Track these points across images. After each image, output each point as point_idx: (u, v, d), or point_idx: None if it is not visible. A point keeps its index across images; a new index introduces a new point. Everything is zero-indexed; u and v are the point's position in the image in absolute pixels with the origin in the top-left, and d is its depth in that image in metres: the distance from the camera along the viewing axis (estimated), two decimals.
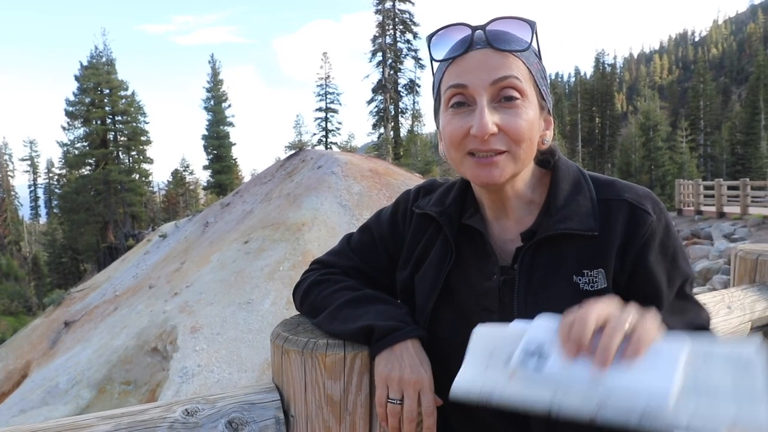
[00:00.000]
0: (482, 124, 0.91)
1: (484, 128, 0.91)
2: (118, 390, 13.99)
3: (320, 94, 45.42)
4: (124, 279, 23.03)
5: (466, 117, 0.95)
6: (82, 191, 44.70)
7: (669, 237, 1.00)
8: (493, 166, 0.95)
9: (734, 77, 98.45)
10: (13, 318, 40.54)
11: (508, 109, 0.94)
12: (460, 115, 0.96)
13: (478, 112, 0.93)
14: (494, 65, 0.94)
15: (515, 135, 0.94)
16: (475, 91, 0.94)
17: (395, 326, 0.99)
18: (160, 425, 0.90)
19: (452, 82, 0.96)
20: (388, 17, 41.31)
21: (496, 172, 0.95)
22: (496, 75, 0.93)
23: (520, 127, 0.94)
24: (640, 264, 0.97)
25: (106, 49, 46.58)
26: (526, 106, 0.95)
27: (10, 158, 69.98)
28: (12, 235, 60.59)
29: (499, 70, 0.93)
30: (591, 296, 0.95)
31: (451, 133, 0.97)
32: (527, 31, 0.97)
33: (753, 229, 16.71)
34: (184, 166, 58.54)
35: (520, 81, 0.94)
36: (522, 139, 0.94)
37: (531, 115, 0.96)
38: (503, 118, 0.93)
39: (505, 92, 0.94)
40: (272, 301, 14.71)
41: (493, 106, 0.94)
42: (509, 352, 0.76)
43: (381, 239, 1.21)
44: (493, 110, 0.93)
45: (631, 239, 0.97)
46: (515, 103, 0.94)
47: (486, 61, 0.94)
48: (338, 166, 21.22)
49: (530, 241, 1.00)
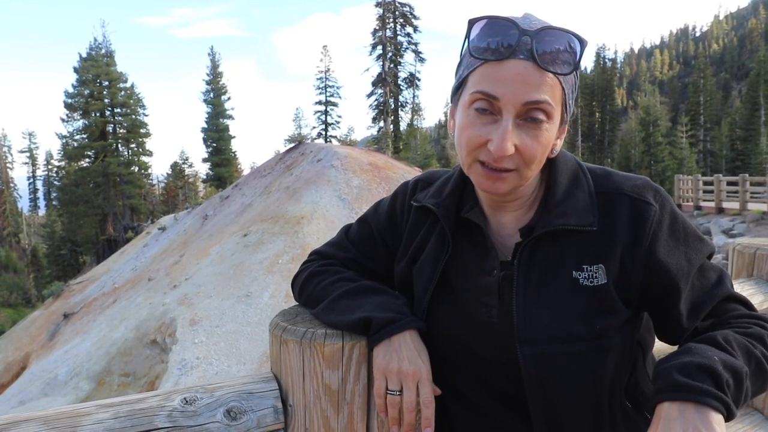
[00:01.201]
0: (503, 147, 0.88)
1: (503, 151, 0.89)
2: (117, 382, 14.02)
3: (320, 88, 45.39)
4: (123, 271, 23.03)
5: (488, 127, 0.91)
6: (81, 183, 44.63)
7: (676, 221, 0.99)
8: (499, 181, 0.94)
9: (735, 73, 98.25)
10: (13, 310, 40.56)
11: (531, 130, 0.90)
12: (481, 122, 0.92)
13: (501, 131, 0.88)
14: (532, 84, 0.88)
15: (529, 158, 0.91)
16: (505, 107, 0.89)
17: (393, 318, 0.99)
18: (159, 414, 0.91)
19: (483, 89, 0.90)
20: (389, 10, 41.18)
21: (501, 186, 0.95)
22: (530, 97, 0.88)
23: (537, 152, 0.92)
24: (652, 258, 0.97)
25: (105, 40, 46.45)
26: (549, 129, 0.92)
27: (9, 150, 69.88)
28: (11, 227, 60.54)
29: (534, 93, 0.88)
30: (590, 292, 0.96)
31: (468, 138, 0.94)
32: (576, 49, 0.91)
33: (752, 225, 16.73)
34: (183, 158, 58.43)
35: (552, 106, 0.90)
36: (534, 162, 0.93)
37: (550, 137, 0.93)
38: (523, 140, 0.90)
39: (532, 114, 0.89)
40: (271, 294, 14.72)
41: (517, 122, 0.90)
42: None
43: (379, 231, 1.21)
44: (516, 127, 0.90)
45: (639, 236, 0.97)
46: (539, 125, 0.90)
47: (525, 77, 0.88)
48: (338, 159, 21.19)
49: (529, 237, 1.00)
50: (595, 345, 0.95)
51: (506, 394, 1.02)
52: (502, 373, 1.00)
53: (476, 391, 1.04)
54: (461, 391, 1.06)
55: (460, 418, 1.09)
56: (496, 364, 1.00)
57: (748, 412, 1.81)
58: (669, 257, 0.96)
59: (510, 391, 1.01)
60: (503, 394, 1.02)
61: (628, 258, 0.96)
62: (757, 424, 1.76)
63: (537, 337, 0.95)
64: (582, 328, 0.95)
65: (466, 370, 1.05)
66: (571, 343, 0.94)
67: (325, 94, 45.35)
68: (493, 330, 1.00)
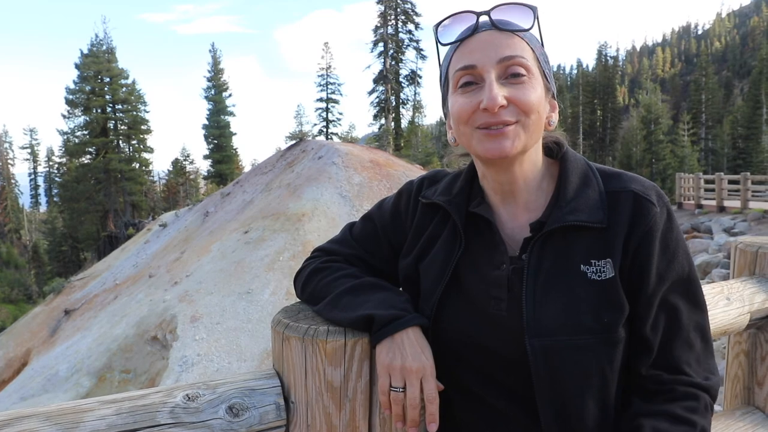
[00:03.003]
0: (492, 96, 0.94)
1: (494, 100, 0.94)
2: (118, 378, 14.05)
3: (321, 85, 45.33)
4: (124, 268, 23.06)
5: (476, 94, 0.97)
6: (83, 180, 44.68)
7: (671, 231, 1.01)
8: (503, 137, 0.96)
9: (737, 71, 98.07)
10: (14, 306, 40.65)
11: (516, 84, 0.96)
12: (468, 93, 0.98)
13: (486, 87, 0.95)
14: (501, 44, 0.97)
15: (525, 106, 0.96)
16: (483, 69, 0.96)
17: (396, 315, 0.99)
18: (161, 410, 0.91)
19: (460, 65, 0.99)
20: (390, 7, 41.12)
21: (507, 143, 0.96)
22: (503, 53, 0.96)
23: (529, 98, 0.96)
24: (639, 253, 0.99)
25: (106, 37, 46.45)
26: (533, 83, 0.98)
27: (11, 146, 69.95)
28: (12, 223, 60.62)
29: (505, 49, 0.96)
30: (599, 285, 0.97)
31: (460, 110, 0.99)
32: (529, 15, 1.00)
33: (753, 224, 16.71)
34: (184, 155, 58.45)
35: (527, 60, 0.98)
36: (531, 110, 0.97)
37: (539, 92, 0.98)
38: (512, 92, 0.96)
39: (512, 69, 0.96)
40: (272, 291, 14.74)
41: (501, 82, 0.96)
42: None
43: (383, 229, 1.21)
44: (501, 86, 0.96)
45: (635, 229, 0.99)
46: (522, 79, 0.97)
47: (492, 41, 0.97)
48: (339, 156, 21.19)
49: (539, 231, 1.01)
50: (603, 338, 0.96)
51: (513, 389, 1.02)
52: (509, 367, 1.01)
53: (483, 387, 1.04)
54: (468, 388, 1.06)
55: (466, 415, 1.09)
56: (505, 357, 1.00)
57: (749, 411, 1.81)
58: (651, 259, 0.98)
59: (517, 385, 1.01)
60: (510, 390, 1.03)
61: (624, 248, 0.99)
62: (758, 423, 1.76)
63: (546, 329, 0.96)
64: (590, 321, 0.96)
65: (474, 365, 1.05)
66: (579, 336, 0.95)
67: (327, 91, 45.30)
68: (503, 323, 1.01)
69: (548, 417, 0.97)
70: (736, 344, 1.86)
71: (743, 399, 1.85)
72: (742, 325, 1.72)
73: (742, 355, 1.85)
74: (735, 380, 1.86)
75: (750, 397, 1.84)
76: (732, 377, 1.87)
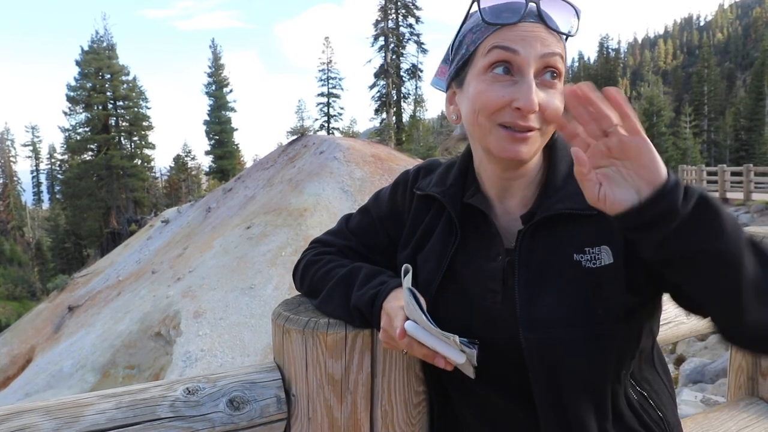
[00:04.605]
0: (532, 100, 0.89)
1: (533, 105, 0.90)
2: (122, 374, 14.11)
3: (322, 79, 45.30)
4: (127, 264, 23.13)
5: (509, 87, 0.92)
6: (85, 177, 44.77)
7: None
8: (524, 143, 0.94)
9: (739, 62, 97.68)
10: (17, 303, 40.82)
11: (548, 88, 0.93)
12: (501, 84, 0.93)
13: (526, 86, 0.90)
14: (546, 40, 0.92)
15: (551, 115, 0.91)
16: (525, 61, 0.91)
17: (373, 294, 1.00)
18: (162, 404, 0.90)
19: (502, 44, 0.92)
20: (391, 1, 41.03)
21: (525, 149, 0.94)
22: (547, 49, 0.92)
23: (557, 108, 0.92)
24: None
25: (106, 33, 46.42)
26: (560, 88, 0.94)
27: (12, 144, 69.95)
28: (15, 221, 60.77)
29: (550, 45, 0.92)
30: (595, 273, 0.94)
31: (487, 100, 0.94)
32: (574, 16, 0.96)
33: (756, 215, 16.67)
34: (186, 151, 58.35)
35: (563, 62, 0.94)
36: (553, 120, 0.92)
37: (561, 99, 0.94)
38: (544, 98, 0.92)
39: (549, 70, 0.93)
40: (275, 286, 14.77)
41: (537, 81, 0.92)
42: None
43: (380, 220, 1.20)
44: (538, 88, 0.92)
45: None
46: (554, 83, 0.93)
47: (538, 34, 0.92)
48: (340, 151, 21.18)
49: (530, 222, 0.99)
50: (598, 329, 0.93)
51: (509, 382, 1.01)
52: (506, 361, 0.99)
53: (481, 382, 1.03)
54: (466, 384, 1.05)
55: (463, 410, 1.08)
56: (501, 350, 0.99)
57: (753, 401, 1.81)
58: None
59: (513, 379, 1.00)
60: (508, 384, 1.02)
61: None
62: (762, 413, 1.75)
63: (539, 321, 0.94)
64: (585, 312, 0.93)
65: None
66: (574, 328, 0.93)
67: (328, 85, 45.26)
68: (497, 315, 0.99)
69: (546, 411, 0.96)
70: None
71: (747, 390, 1.85)
72: None
73: None
74: (739, 371, 1.86)
75: (754, 388, 1.84)
76: (736, 368, 1.87)
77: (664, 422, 1.05)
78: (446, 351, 0.89)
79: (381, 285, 1.02)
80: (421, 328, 0.89)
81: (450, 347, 0.90)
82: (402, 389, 1.05)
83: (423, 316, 0.87)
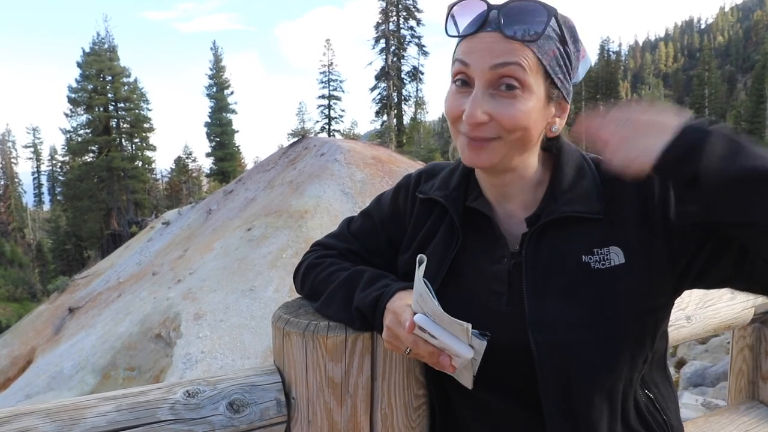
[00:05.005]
0: (471, 114, 0.91)
1: (472, 118, 0.91)
2: (123, 376, 14.10)
3: (323, 82, 45.29)
4: (127, 266, 23.11)
5: (464, 98, 0.94)
6: (86, 178, 44.77)
7: None
8: (481, 151, 0.94)
9: (740, 65, 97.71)
10: (18, 304, 40.81)
11: (504, 98, 0.92)
12: (460, 94, 0.95)
13: (471, 98, 0.92)
14: (498, 51, 0.91)
15: (508, 124, 0.92)
16: (474, 73, 0.92)
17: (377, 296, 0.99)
18: (162, 406, 0.90)
19: (459, 57, 0.95)
20: (392, 4, 41.06)
21: (484, 156, 0.95)
22: (496, 60, 0.90)
23: (514, 116, 0.92)
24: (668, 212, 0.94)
25: (108, 35, 46.46)
26: (525, 97, 0.92)
27: (14, 145, 70.04)
28: (16, 222, 60.81)
29: (501, 56, 0.90)
30: (604, 275, 0.94)
31: (447, 110, 0.98)
32: (544, 17, 0.92)
33: None
34: (186, 153, 58.41)
35: (524, 70, 0.91)
36: (515, 128, 0.92)
37: (529, 106, 0.92)
38: (496, 108, 0.91)
39: (504, 80, 0.91)
40: (275, 288, 14.76)
41: (490, 93, 0.92)
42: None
43: (382, 224, 1.20)
44: (489, 98, 0.92)
45: (648, 196, 0.95)
46: (513, 93, 0.91)
47: (492, 45, 0.91)
48: (341, 153, 21.17)
49: (535, 225, 0.99)
50: (610, 330, 0.93)
51: (516, 388, 1.00)
52: (512, 364, 0.99)
53: (485, 387, 1.02)
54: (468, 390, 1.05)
55: (465, 413, 1.08)
56: (506, 353, 0.98)
57: (753, 405, 1.81)
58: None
59: (516, 382, 1.00)
60: (513, 389, 1.01)
61: (643, 225, 0.94)
62: (762, 417, 1.75)
63: (548, 323, 0.94)
64: (595, 313, 0.93)
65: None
66: (584, 329, 0.93)
67: (328, 88, 45.27)
68: (503, 317, 0.99)
69: (553, 415, 0.95)
70: (740, 339, 1.86)
71: (748, 393, 1.85)
72: (747, 320, 1.71)
73: (746, 349, 1.84)
74: (739, 375, 1.86)
75: (754, 392, 1.83)
76: (736, 372, 1.87)
77: (668, 426, 1.04)
78: (454, 344, 0.88)
79: (385, 287, 1.02)
80: (430, 321, 0.88)
81: (458, 341, 0.88)
82: (402, 392, 1.05)
83: (436, 304, 0.86)
